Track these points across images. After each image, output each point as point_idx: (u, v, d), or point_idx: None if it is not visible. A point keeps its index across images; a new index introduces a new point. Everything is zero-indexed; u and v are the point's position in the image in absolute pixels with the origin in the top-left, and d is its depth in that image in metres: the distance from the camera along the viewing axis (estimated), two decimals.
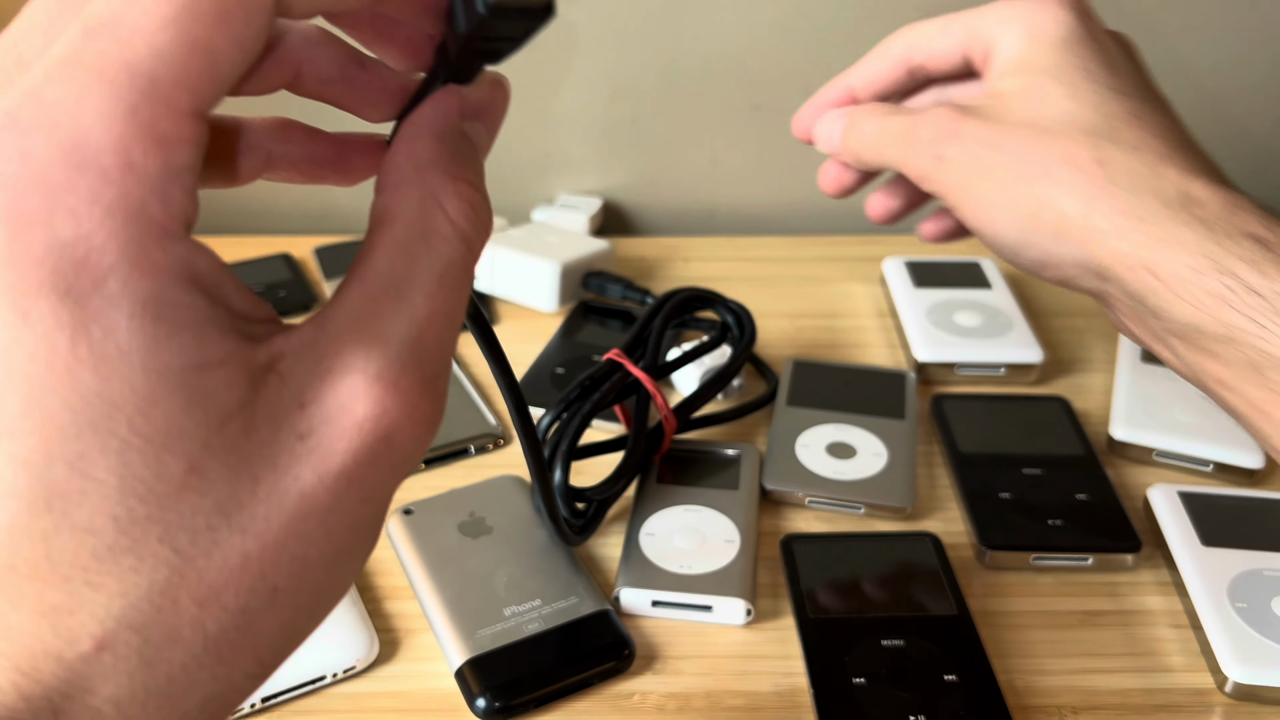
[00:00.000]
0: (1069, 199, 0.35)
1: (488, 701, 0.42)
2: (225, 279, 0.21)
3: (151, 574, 0.19)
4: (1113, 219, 0.35)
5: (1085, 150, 0.36)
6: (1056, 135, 0.36)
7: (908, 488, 0.53)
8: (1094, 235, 0.35)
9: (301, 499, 0.20)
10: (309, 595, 0.21)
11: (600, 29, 0.77)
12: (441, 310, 0.22)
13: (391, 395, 0.21)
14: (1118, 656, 0.45)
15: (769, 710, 0.43)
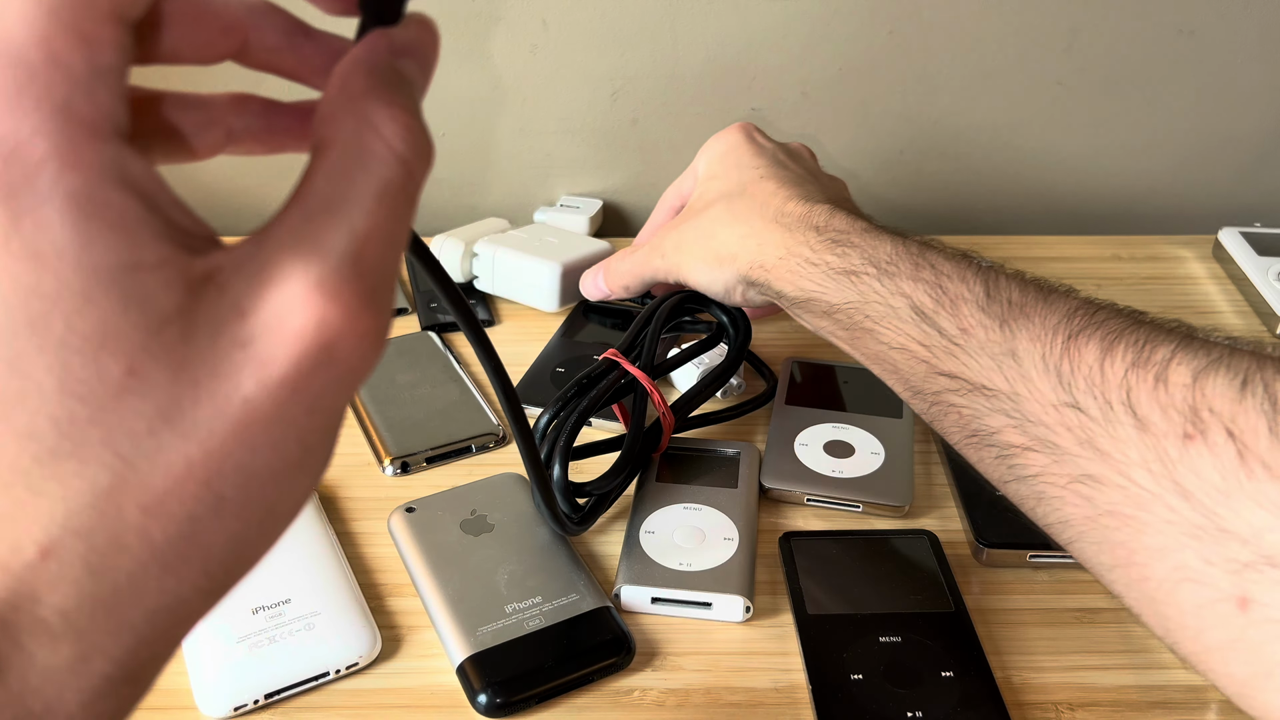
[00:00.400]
0: (716, 239, 0.52)
1: (489, 697, 0.42)
2: (162, 190, 0.20)
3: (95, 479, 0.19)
4: (739, 242, 0.50)
5: (721, 207, 0.53)
6: (710, 206, 0.53)
7: (905, 486, 0.54)
8: (733, 256, 0.51)
9: (245, 406, 0.20)
10: (258, 509, 0.21)
11: (600, 30, 0.78)
12: (382, 228, 0.22)
13: (332, 304, 0.20)
14: (1114, 654, 0.46)
15: (768, 706, 0.43)
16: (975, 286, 0.40)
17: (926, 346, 0.41)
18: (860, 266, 0.44)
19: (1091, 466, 0.35)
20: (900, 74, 0.80)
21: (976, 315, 0.40)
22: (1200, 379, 0.33)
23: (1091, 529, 0.35)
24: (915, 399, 0.43)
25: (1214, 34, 0.78)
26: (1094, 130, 0.82)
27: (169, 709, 0.43)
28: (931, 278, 0.42)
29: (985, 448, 0.39)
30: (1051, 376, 0.36)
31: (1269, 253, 0.74)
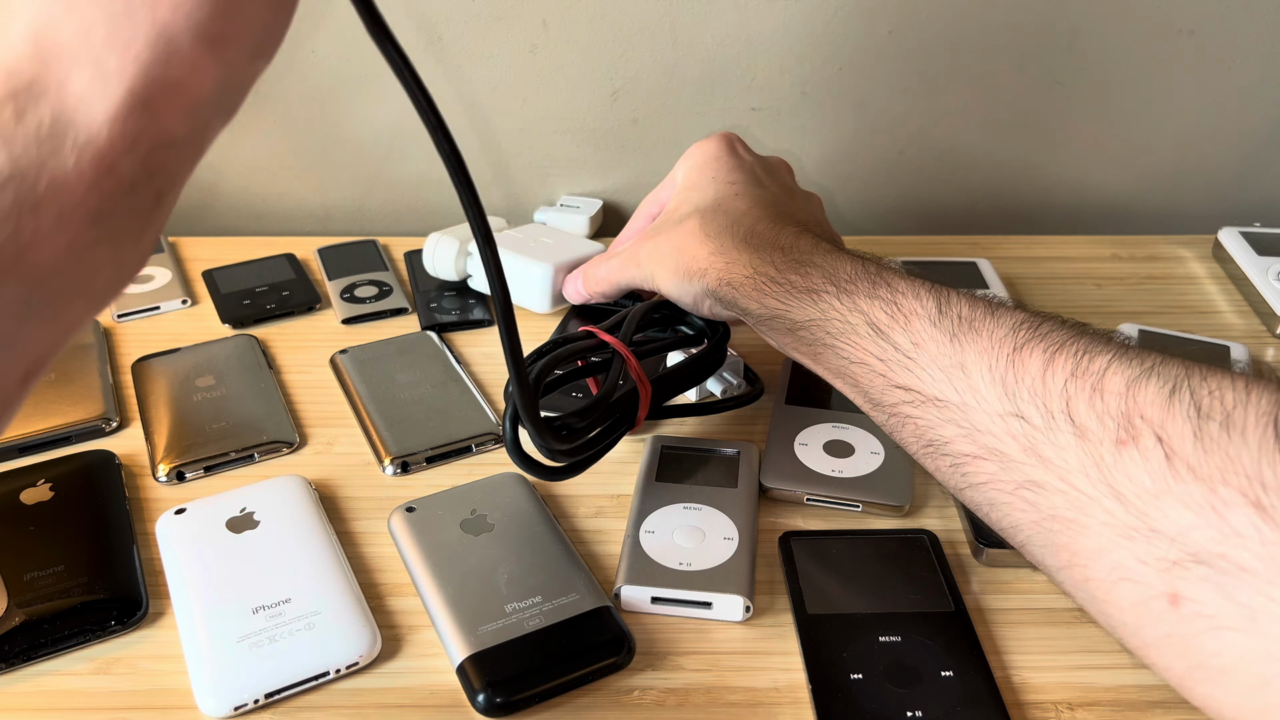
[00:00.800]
0: (687, 253, 0.53)
1: (489, 697, 0.42)
2: None
3: None
4: (709, 258, 0.52)
5: (694, 222, 0.54)
6: (685, 219, 0.55)
7: (905, 485, 0.54)
8: (702, 271, 0.52)
9: None
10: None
11: (600, 30, 0.78)
12: None
13: None
14: (1114, 653, 0.46)
15: (768, 706, 0.43)
16: (928, 303, 0.42)
17: (883, 360, 0.43)
18: (821, 285, 0.46)
19: (1035, 473, 0.36)
20: (900, 74, 0.80)
21: (928, 330, 0.42)
22: (1133, 387, 0.35)
23: (1038, 533, 0.37)
24: (875, 411, 0.45)
25: (1214, 34, 0.78)
26: (1094, 130, 0.82)
27: (169, 709, 0.43)
28: (888, 295, 0.44)
29: (940, 457, 0.41)
30: (998, 387, 0.38)
31: (1269, 252, 0.74)
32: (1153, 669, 0.35)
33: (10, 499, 0.53)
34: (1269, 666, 0.30)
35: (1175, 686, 0.34)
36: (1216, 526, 0.31)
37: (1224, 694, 0.32)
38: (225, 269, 0.75)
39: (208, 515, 0.51)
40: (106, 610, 0.47)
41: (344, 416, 0.61)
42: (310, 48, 0.79)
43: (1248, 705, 0.31)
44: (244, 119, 0.36)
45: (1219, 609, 0.31)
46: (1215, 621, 0.31)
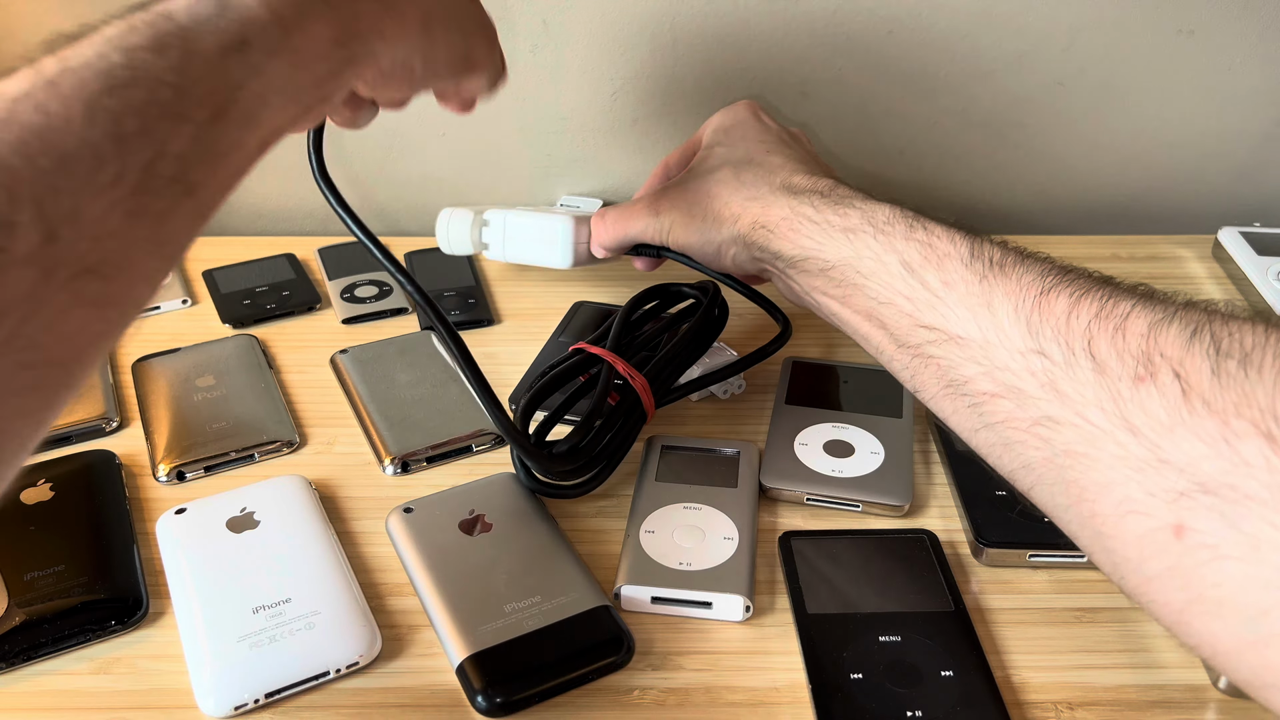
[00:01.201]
0: (719, 199, 0.55)
1: (488, 697, 0.42)
2: None
3: None
4: (743, 204, 0.53)
5: (727, 171, 0.55)
6: (715, 170, 0.56)
7: (905, 485, 0.54)
8: (735, 216, 0.53)
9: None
10: None
11: (600, 30, 0.78)
12: None
13: None
14: (1113, 653, 0.46)
15: (768, 705, 0.43)
16: (961, 246, 0.43)
17: (911, 300, 0.44)
18: (858, 224, 0.47)
19: (1051, 408, 0.37)
20: (900, 74, 0.80)
21: (959, 271, 0.42)
22: (1154, 328, 0.35)
23: (1049, 470, 0.37)
24: (899, 353, 0.45)
25: (1214, 34, 0.78)
26: (1094, 130, 0.82)
27: (169, 708, 0.43)
28: (923, 238, 0.45)
29: (959, 397, 0.41)
30: (1021, 326, 0.39)
31: (1268, 252, 0.74)
32: (1150, 609, 0.35)
33: (10, 499, 0.53)
34: (1268, 595, 0.30)
35: (1172, 625, 0.34)
36: (1227, 457, 0.31)
37: (1220, 627, 0.32)
38: (225, 269, 0.75)
39: (208, 515, 0.51)
40: (106, 610, 0.47)
41: (344, 416, 0.61)
42: None
43: (1244, 636, 0.31)
44: None
45: (1223, 538, 0.31)
46: (1218, 551, 0.31)
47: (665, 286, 0.62)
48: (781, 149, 0.57)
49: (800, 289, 0.51)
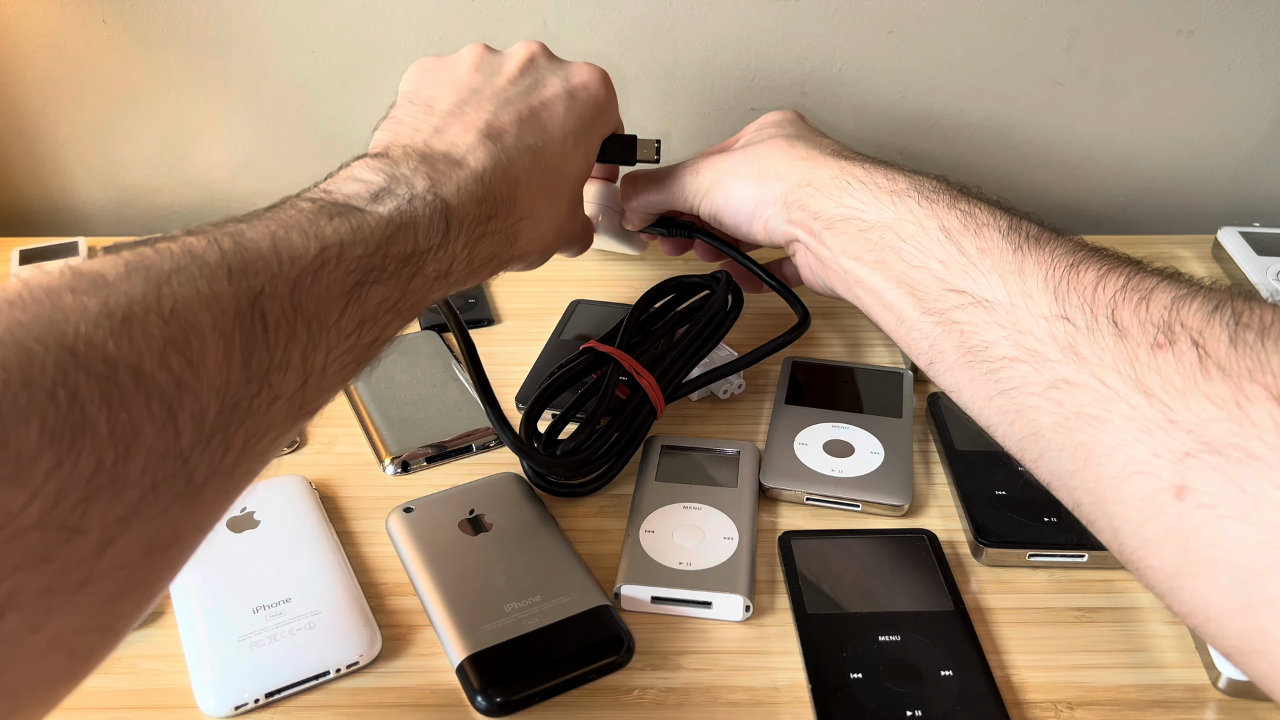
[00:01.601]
0: (768, 159, 0.55)
1: (488, 697, 0.42)
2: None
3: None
4: (792, 163, 0.54)
5: (783, 140, 0.57)
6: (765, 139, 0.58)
7: (905, 485, 0.54)
8: (781, 174, 0.54)
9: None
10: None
11: (600, 29, 0.78)
12: None
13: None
14: (1113, 652, 0.46)
15: (767, 705, 0.43)
16: (1000, 219, 0.45)
17: (945, 264, 0.44)
18: (905, 189, 0.48)
19: (1068, 370, 0.38)
20: (900, 73, 0.80)
21: (995, 239, 0.43)
22: (1178, 301, 0.36)
23: (1059, 434, 0.38)
24: (923, 320, 0.45)
25: (1214, 34, 0.78)
26: (1094, 130, 0.82)
27: (169, 708, 0.43)
28: (965, 208, 0.46)
29: (978, 364, 0.42)
30: (1049, 293, 0.40)
31: (1268, 252, 0.74)
32: (1144, 575, 0.35)
33: None
34: (1262, 555, 0.30)
35: (1165, 592, 0.34)
36: (1236, 419, 0.32)
37: (1212, 589, 0.32)
38: None
39: None
40: None
41: (344, 416, 0.61)
42: (310, 47, 0.79)
43: (1235, 599, 0.31)
44: (244, 118, 0.36)
45: (1223, 498, 0.31)
46: (1217, 511, 0.31)
47: (678, 279, 0.62)
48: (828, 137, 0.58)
49: (828, 253, 0.51)
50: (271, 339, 0.33)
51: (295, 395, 0.35)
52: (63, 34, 0.78)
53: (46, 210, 0.86)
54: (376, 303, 0.38)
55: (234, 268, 0.33)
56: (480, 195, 0.45)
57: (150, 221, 0.86)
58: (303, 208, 0.39)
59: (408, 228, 0.41)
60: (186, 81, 0.80)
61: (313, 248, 0.36)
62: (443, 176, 0.44)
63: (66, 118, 0.82)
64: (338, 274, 0.37)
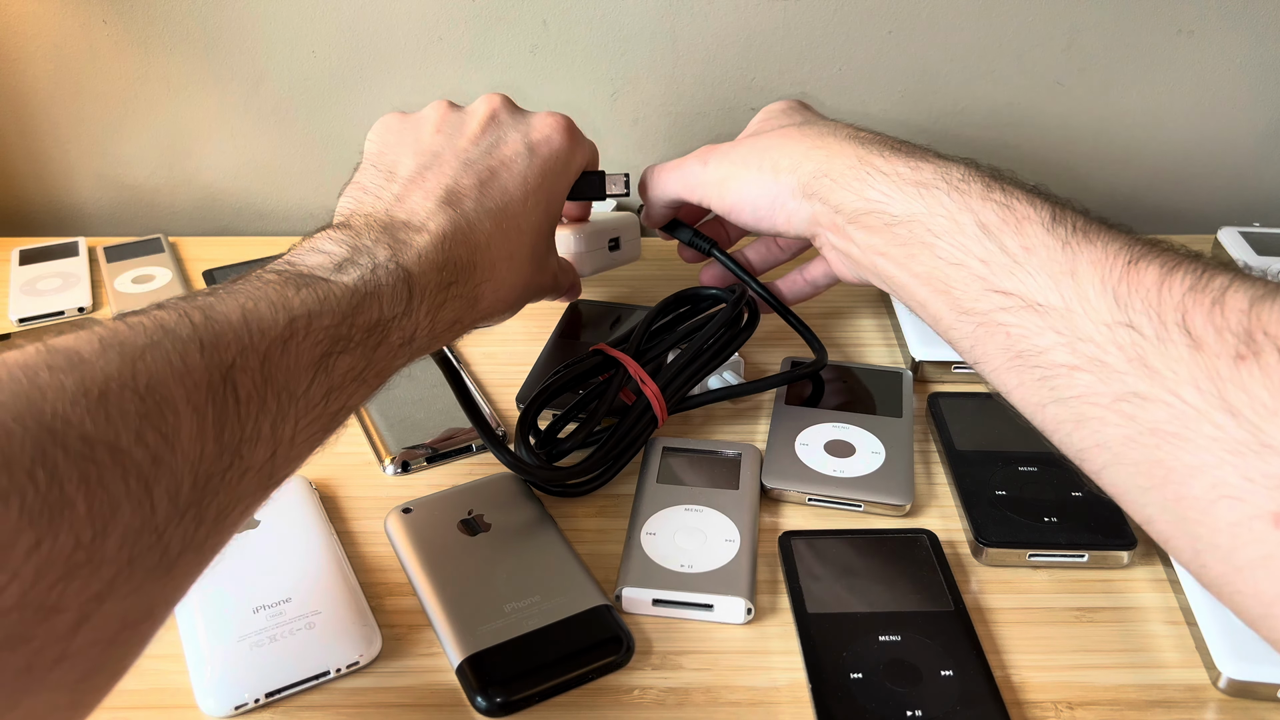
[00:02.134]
0: (779, 149, 0.53)
1: (488, 697, 0.42)
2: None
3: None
4: (805, 152, 0.51)
5: (794, 129, 0.54)
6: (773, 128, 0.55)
7: (907, 485, 0.54)
8: (794, 165, 0.52)
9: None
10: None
11: (600, 30, 0.78)
12: None
13: None
14: (1113, 652, 0.46)
15: (768, 705, 0.43)
16: (1042, 210, 0.41)
17: (986, 263, 0.41)
18: (932, 180, 0.45)
19: (1139, 384, 0.35)
20: (900, 74, 0.80)
21: (1040, 235, 0.40)
22: (1256, 305, 0.33)
23: (1130, 449, 0.35)
24: (961, 320, 0.43)
25: (1214, 34, 0.78)
26: (1093, 130, 0.82)
27: (169, 708, 0.43)
28: (1000, 199, 0.43)
29: (1028, 369, 0.39)
30: (1108, 296, 0.37)
31: (1268, 252, 0.74)
32: (1233, 600, 0.33)
33: None
34: None
35: (1256, 616, 0.33)
36: None
37: None
38: (225, 269, 0.75)
39: None
40: None
41: None
42: (310, 48, 0.79)
43: None
44: (244, 119, 0.36)
45: None
46: None
47: (695, 291, 0.61)
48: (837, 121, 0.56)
49: (856, 250, 0.49)
50: (243, 411, 0.33)
51: (265, 466, 0.35)
52: (63, 34, 0.78)
53: (47, 210, 0.86)
54: (343, 372, 0.39)
55: (205, 341, 0.33)
56: (440, 262, 0.45)
57: (150, 221, 0.86)
58: (269, 279, 0.39)
59: (372, 297, 0.41)
60: (186, 81, 0.80)
61: (281, 319, 0.36)
62: (403, 246, 0.44)
63: (67, 118, 0.82)
64: (306, 344, 0.37)
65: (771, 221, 0.54)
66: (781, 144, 0.53)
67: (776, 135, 0.54)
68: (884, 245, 0.46)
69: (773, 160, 0.53)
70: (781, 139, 0.53)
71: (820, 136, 0.52)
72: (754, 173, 0.53)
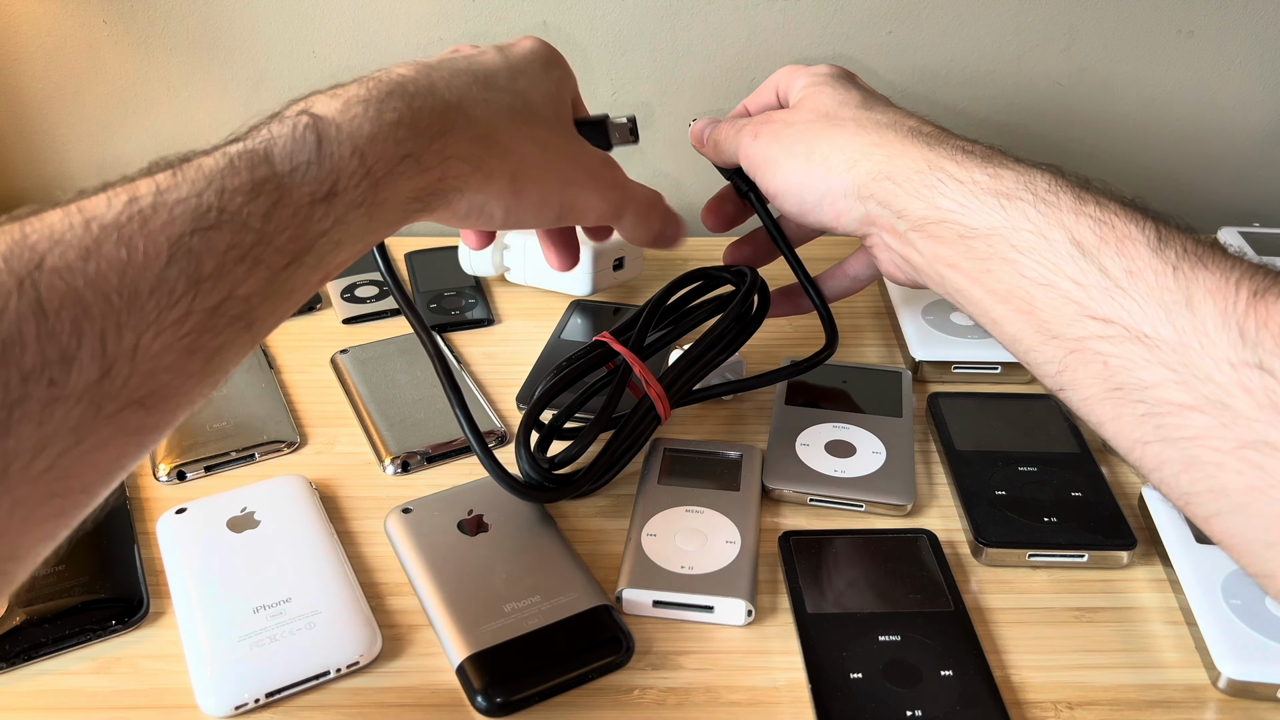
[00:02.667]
0: (834, 142, 0.48)
1: (488, 697, 0.42)
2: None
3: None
4: (864, 149, 0.46)
5: (847, 114, 0.49)
6: (827, 112, 0.50)
7: (908, 485, 0.54)
8: (850, 163, 0.46)
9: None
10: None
11: (600, 30, 0.78)
12: None
13: None
14: (1112, 652, 0.46)
15: (768, 705, 0.43)
16: (1146, 228, 0.37)
17: (1082, 286, 0.37)
18: (1014, 190, 0.41)
19: (1272, 433, 0.32)
20: (900, 74, 0.80)
21: (1146, 257, 0.36)
22: None
23: (1255, 500, 0.32)
24: (1046, 345, 0.39)
25: (1214, 34, 0.78)
26: (1094, 130, 0.82)
27: (169, 708, 0.43)
28: (1096, 213, 0.38)
29: (1130, 403, 0.36)
30: (1233, 332, 0.33)
31: (1269, 253, 0.74)
32: None
33: None
34: None
35: None
36: None
37: None
38: None
39: (208, 515, 0.51)
40: (107, 610, 0.47)
41: (344, 416, 0.61)
42: (310, 48, 0.79)
43: None
44: (244, 119, 0.36)
45: None
46: None
47: (705, 270, 0.58)
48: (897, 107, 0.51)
49: (919, 258, 0.44)
50: (52, 325, 0.27)
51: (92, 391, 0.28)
52: (63, 34, 0.78)
53: None
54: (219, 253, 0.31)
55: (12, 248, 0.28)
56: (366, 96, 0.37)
57: None
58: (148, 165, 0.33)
59: (257, 154, 0.33)
60: (186, 82, 0.80)
61: (119, 202, 0.30)
62: (320, 95, 0.37)
63: (67, 118, 0.82)
64: (150, 228, 0.30)
65: (819, 216, 0.49)
66: (834, 137, 0.47)
67: (828, 126, 0.48)
68: (955, 257, 0.42)
69: (823, 155, 0.47)
70: (834, 130, 0.48)
71: (879, 130, 0.46)
72: (802, 163, 0.48)
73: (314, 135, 0.35)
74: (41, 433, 0.27)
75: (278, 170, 0.34)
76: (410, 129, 0.38)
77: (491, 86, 0.44)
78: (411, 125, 0.38)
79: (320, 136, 0.35)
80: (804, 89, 0.52)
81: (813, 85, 0.52)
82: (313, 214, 0.34)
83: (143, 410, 0.30)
